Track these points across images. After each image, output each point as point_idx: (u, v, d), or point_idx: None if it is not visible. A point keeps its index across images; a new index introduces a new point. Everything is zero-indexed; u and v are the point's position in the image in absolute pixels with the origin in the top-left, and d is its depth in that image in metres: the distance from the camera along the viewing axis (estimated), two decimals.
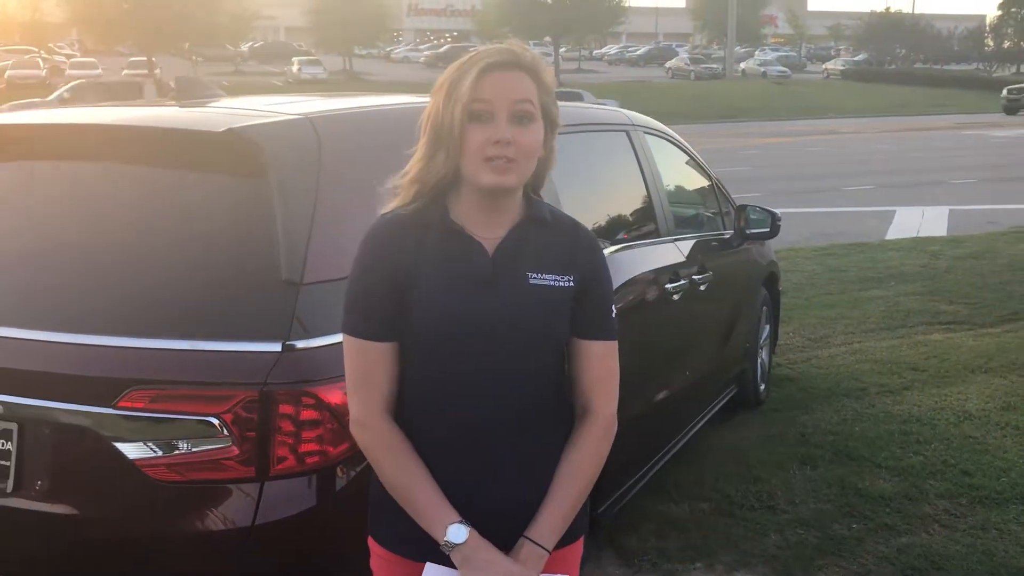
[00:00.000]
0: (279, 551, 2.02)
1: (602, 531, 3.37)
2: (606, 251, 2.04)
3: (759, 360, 5.17)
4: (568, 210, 1.88)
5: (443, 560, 1.63)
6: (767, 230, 4.63)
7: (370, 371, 1.66)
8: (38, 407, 2.11)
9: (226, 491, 2.01)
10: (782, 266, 6.19)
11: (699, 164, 4.69)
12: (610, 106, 4.78)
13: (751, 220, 4.64)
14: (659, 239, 3.77)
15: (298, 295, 2.06)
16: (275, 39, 77.73)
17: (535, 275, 1.68)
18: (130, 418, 2.01)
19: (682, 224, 4.17)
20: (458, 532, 1.60)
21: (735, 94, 44.84)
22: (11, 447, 2.16)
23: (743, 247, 4.77)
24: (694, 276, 3.90)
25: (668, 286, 3.64)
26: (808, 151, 23.16)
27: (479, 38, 74.89)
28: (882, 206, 13.27)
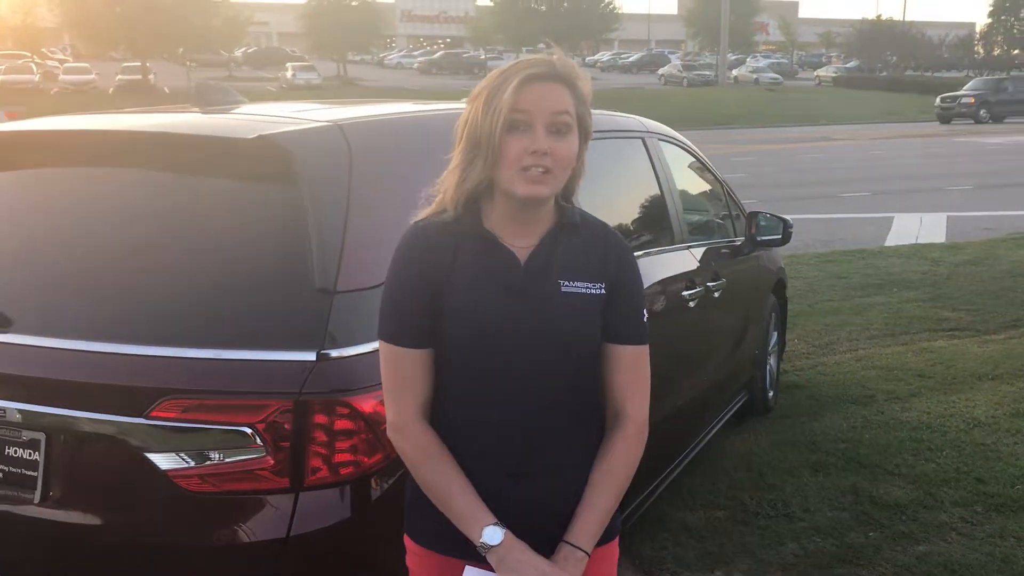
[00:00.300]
0: (314, 563, 1.99)
1: (619, 539, 3.34)
2: None
3: (768, 367, 5.17)
4: None
5: (479, 561, 1.64)
6: (779, 237, 4.62)
7: (406, 377, 1.67)
8: (66, 416, 2.08)
9: (260, 502, 1.99)
10: None
11: (710, 171, 4.68)
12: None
13: (762, 227, 4.63)
14: (675, 246, 3.76)
15: (332, 303, 2.04)
16: (268, 44, 77.86)
17: (567, 283, 1.69)
18: (163, 428, 1.99)
19: (696, 231, 4.16)
20: (494, 534, 1.61)
21: (728, 101, 44.89)
22: (38, 457, 2.13)
23: (753, 254, 4.76)
24: (709, 283, 3.89)
25: (685, 293, 3.63)
26: (802, 158, 23.17)
27: (472, 44, 75.15)
28: (879, 213, 13.29)
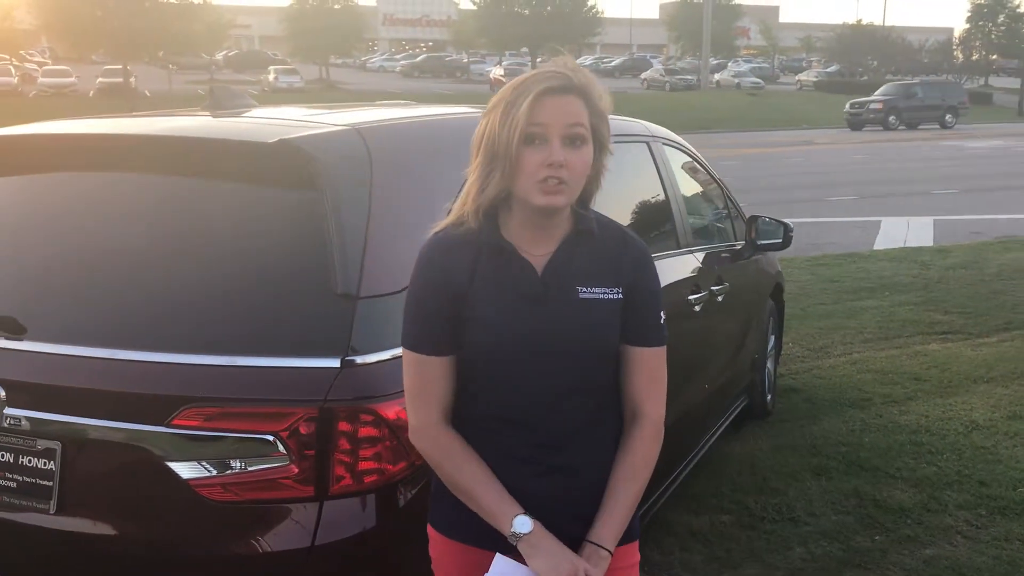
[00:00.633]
0: (339, 573, 1.97)
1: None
2: None
3: (766, 371, 5.17)
4: None
5: (505, 552, 1.66)
6: (779, 240, 4.62)
7: (427, 383, 1.70)
8: (84, 425, 2.05)
9: (284, 511, 1.96)
10: None
11: (711, 175, 4.69)
12: None
13: (763, 231, 4.63)
14: (680, 250, 3.76)
15: (355, 309, 2.02)
16: (250, 48, 77.52)
17: (584, 289, 1.72)
18: (184, 436, 1.96)
19: (699, 235, 4.16)
20: (524, 523, 1.64)
21: (710, 105, 45.02)
22: (54, 466, 2.10)
23: (753, 258, 4.77)
24: (713, 287, 3.89)
25: (691, 298, 3.62)
26: (786, 161, 23.30)
27: (455, 48, 75.11)
28: (866, 216, 13.38)
